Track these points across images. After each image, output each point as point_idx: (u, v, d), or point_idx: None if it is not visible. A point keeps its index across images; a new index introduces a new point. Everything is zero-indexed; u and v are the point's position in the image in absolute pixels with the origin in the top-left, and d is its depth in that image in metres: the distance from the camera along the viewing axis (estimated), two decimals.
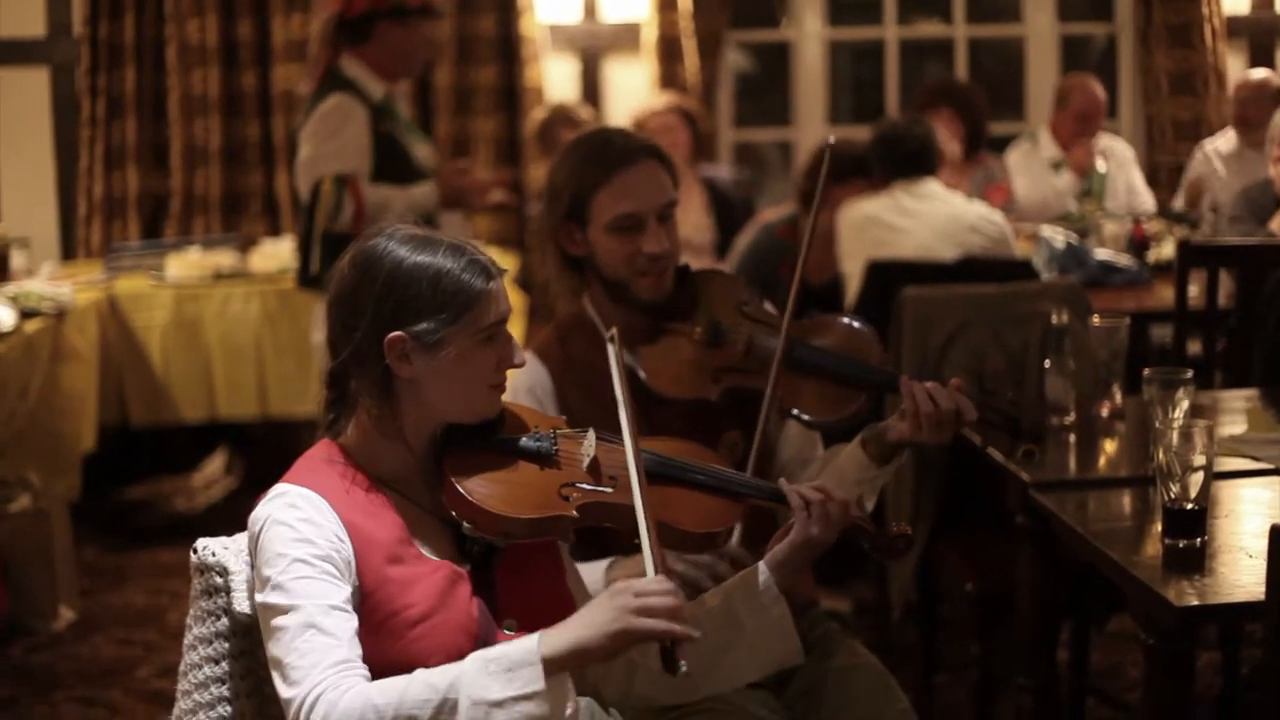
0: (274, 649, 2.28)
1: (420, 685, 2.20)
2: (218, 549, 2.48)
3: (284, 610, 2.27)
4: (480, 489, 2.42)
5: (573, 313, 3.34)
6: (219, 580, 2.46)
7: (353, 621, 2.30)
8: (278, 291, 6.76)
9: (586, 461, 2.53)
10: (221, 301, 6.81)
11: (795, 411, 3.15)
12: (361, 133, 5.60)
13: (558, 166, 3.29)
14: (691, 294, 3.28)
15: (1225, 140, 7.49)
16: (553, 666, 2.21)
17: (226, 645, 2.45)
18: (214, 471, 7.19)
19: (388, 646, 2.32)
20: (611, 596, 2.24)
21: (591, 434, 2.57)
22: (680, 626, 2.23)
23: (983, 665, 4.39)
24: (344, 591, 2.31)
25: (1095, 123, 7.59)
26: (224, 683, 2.45)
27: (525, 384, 3.24)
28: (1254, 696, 4.38)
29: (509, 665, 2.20)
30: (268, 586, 2.30)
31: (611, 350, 2.70)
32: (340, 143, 5.58)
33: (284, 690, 2.25)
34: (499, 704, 2.18)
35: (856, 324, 3.32)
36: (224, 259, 7.04)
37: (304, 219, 5.63)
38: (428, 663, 2.30)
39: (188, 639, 2.49)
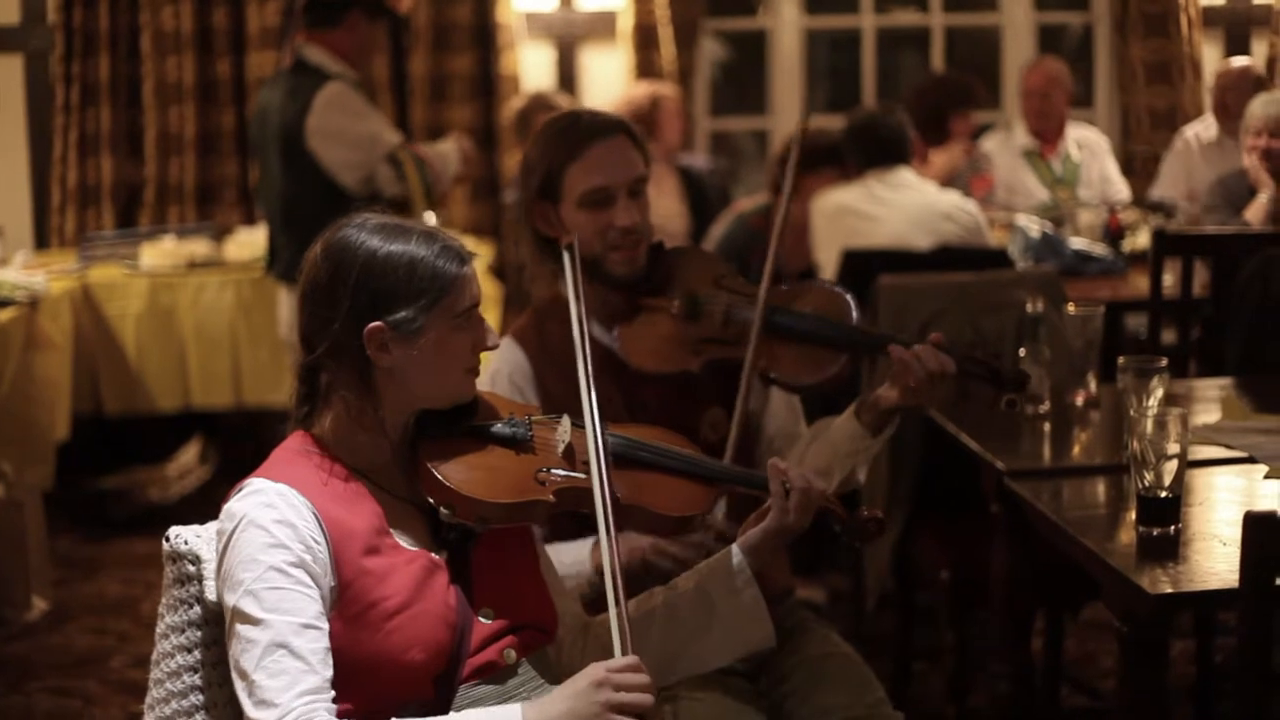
0: (242, 661, 2.26)
1: None
2: (190, 537, 2.46)
3: (255, 622, 2.26)
4: (457, 474, 2.42)
5: (549, 296, 3.32)
6: (191, 569, 2.44)
7: (323, 639, 2.28)
8: (252, 280, 6.73)
9: (562, 447, 2.53)
10: (196, 290, 6.78)
11: (775, 376, 3.16)
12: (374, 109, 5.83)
13: (530, 147, 3.30)
14: (667, 270, 3.28)
15: (1205, 127, 7.50)
16: None
17: (199, 634, 2.44)
18: (188, 461, 7.17)
19: (366, 639, 2.31)
20: (593, 689, 2.23)
21: (566, 420, 2.57)
22: None
23: (958, 653, 4.40)
24: (317, 604, 2.29)
25: (1055, 100, 7.57)
26: (196, 671, 2.43)
27: (505, 370, 3.24)
28: (1229, 683, 4.40)
29: None
30: (240, 590, 2.28)
31: (567, 259, 2.70)
32: (378, 117, 5.82)
33: (249, 710, 2.24)
34: None
35: (832, 288, 3.33)
36: (198, 248, 7.00)
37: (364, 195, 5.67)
38: (405, 655, 2.31)
39: (160, 627, 2.47)
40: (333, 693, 2.26)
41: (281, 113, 5.67)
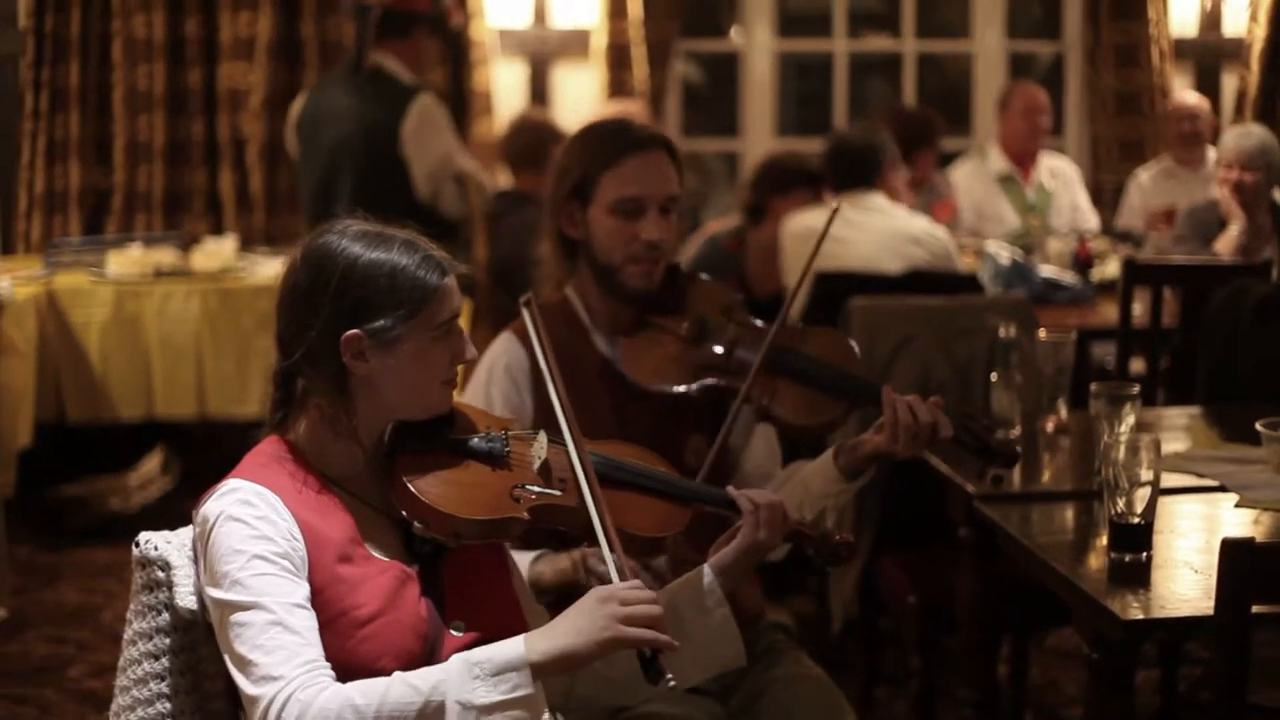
0: (237, 646, 2.24)
1: (402, 687, 2.19)
2: (160, 543, 2.44)
3: (246, 607, 2.24)
4: (432, 489, 2.40)
5: (556, 299, 3.33)
6: (161, 575, 2.42)
7: (314, 619, 2.27)
8: (218, 291, 6.70)
9: (537, 463, 2.51)
10: (162, 300, 6.73)
11: (774, 412, 3.14)
12: None
13: (569, 147, 3.33)
14: (680, 292, 3.29)
15: (1159, 166, 7.61)
16: (540, 671, 2.22)
17: (167, 641, 2.42)
18: (150, 471, 7.12)
19: (336, 646, 2.28)
20: (598, 604, 2.25)
21: (543, 435, 2.55)
22: (665, 636, 2.25)
23: (923, 678, 4.39)
24: (303, 589, 2.28)
25: (1040, 122, 7.64)
26: (163, 679, 2.41)
27: (504, 361, 3.23)
28: (1192, 712, 4.41)
29: (496, 669, 2.20)
30: (226, 582, 2.26)
31: (527, 314, 2.70)
32: (455, 136, 6.21)
33: (250, 688, 2.21)
34: (487, 709, 2.18)
35: (839, 334, 3.33)
36: (165, 257, 6.96)
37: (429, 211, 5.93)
38: (376, 664, 2.28)
39: (127, 634, 2.45)
40: (330, 666, 2.24)
41: (362, 116, 6.00)
